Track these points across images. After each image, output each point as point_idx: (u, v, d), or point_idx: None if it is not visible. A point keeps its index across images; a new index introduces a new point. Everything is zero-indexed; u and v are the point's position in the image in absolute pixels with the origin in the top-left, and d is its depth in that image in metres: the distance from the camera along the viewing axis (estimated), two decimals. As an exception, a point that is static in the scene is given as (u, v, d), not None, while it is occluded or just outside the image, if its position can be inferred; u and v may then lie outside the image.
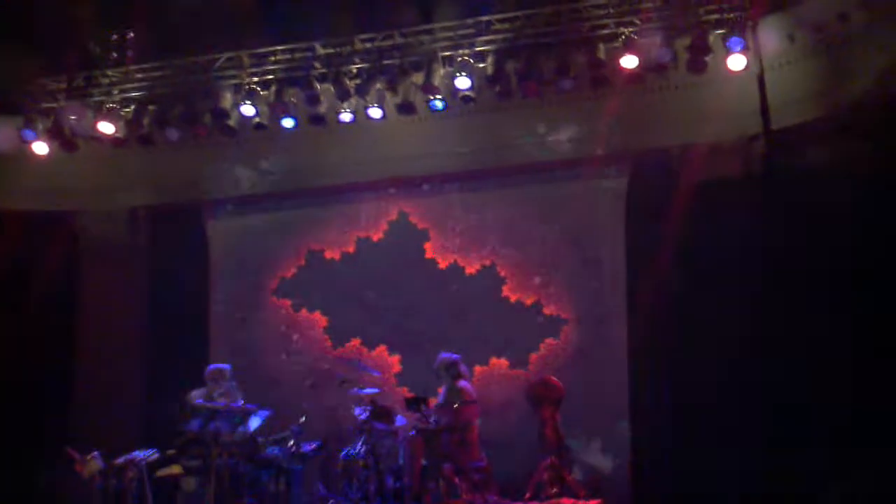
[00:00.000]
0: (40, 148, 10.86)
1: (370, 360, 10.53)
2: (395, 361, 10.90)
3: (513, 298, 10.70)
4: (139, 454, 9.10)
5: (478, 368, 10.42)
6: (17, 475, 10.05)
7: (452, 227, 11.06)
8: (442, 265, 11.00)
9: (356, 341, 11.04)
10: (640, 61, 9.53)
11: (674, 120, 10.09)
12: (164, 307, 11.41)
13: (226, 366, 9.69)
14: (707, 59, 9.41)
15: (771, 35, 9.38)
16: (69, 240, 11.48)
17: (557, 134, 10.51)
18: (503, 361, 10.59)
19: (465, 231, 11.00)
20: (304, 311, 11.33)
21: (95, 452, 9.02)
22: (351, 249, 11.33)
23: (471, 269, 10.91)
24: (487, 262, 10.87)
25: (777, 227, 9.24)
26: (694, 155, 9.98)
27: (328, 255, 11.37)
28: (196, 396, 9.35)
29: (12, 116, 10.93)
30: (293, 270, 11.47)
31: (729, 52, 9.32)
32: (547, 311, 10.58)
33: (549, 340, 10.51)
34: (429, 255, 11.06)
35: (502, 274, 10.80)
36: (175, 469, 8.94)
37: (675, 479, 9.29)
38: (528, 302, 10.65)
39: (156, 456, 9.11)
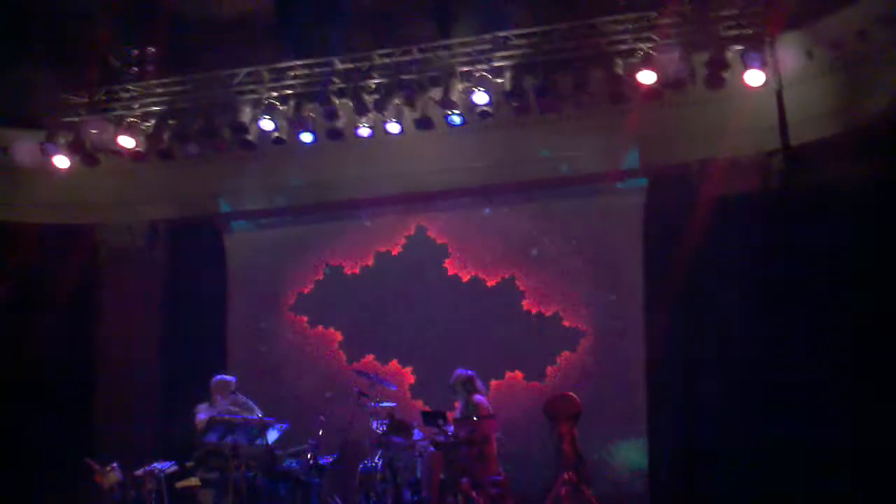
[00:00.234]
0: (61, 162, 10.92)
1: (385, 374, 10.55)
2: (410, 375, 10.96)
3: (532, 312, 10.76)
4: (158, 466, 9.15)
5: (493, 382, 10.44)
6: (37, 486, 10.12)
7: (470, 241, 11.14)
8: (460, 278, 11.07)
9: (371, 356, 11.11)
10: (658, 77, 9.52)
11: (692, 135, 10.12)
12: (183, 319, 11.49)
13: (231, 378, 9.68)
14: (725, 74, 9.39)
15: (789, 51, 9.35)
16: (89, 252, 11.58)
17: (575, 149, 10.53)
18: (519, 374, 10.64)
19: (483, 245, 11.08)
20: (320, 327, 11.42)
21: (115, 464, 9.08)
22: (369, 264, 11.41)
23: (490, 283, 10.97)
24: (506, 276, 10.92)
25: (795, 242, 9.24)
26: (712, 170, 10.00)
27: (346, 270, 11.46)
28: (202, 409, 9.33)
29: (34, 131, 11.00)
30: (311, 286, 11.56)
31: (747, 68, 9.31)
32: (565, 324, 10.64)
33: (566, 353, 10.55)
34: (447, 268, 11.14)
35: (521, 287, 10.85)
36: (193, 481, 8.97)
37: (693, 493, 9.28)
38: (547, 315, 10.71)
39: (174, 468, 9.16)
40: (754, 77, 9.31)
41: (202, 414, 9.16)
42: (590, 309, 10.59)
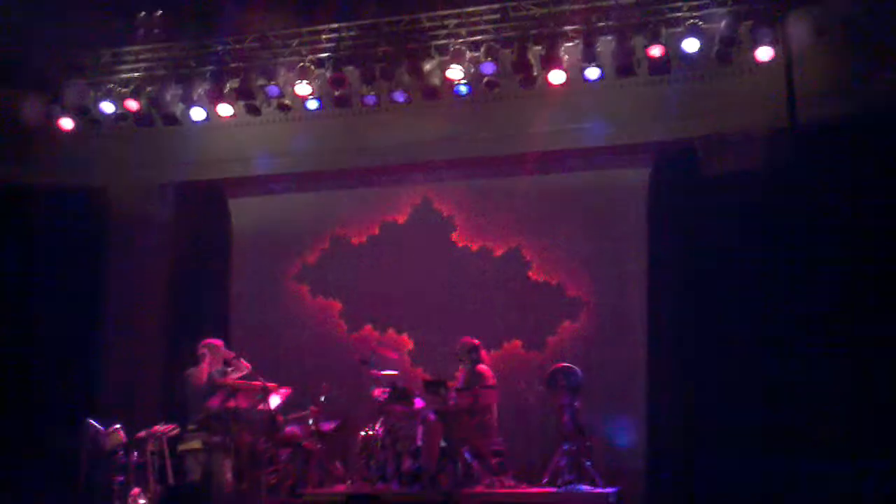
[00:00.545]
0: (67, 124, 10.92)
1: (388, 342, 10.71)
2: (411, 343, 11.01)
3: (536, 281, 10.78)
4: (160, 428, 9.21)
5: (494, 351, 10.49)
6: (41, 445, 10.19)
7: (476, 212, 11.13)
8: (464, 248, 11.09)
9: (369, 325, 11.17)
10: (666, 51, 9.50)
11: (699, 111, 10.04)
12: (187, 282, 11.50)
13: (219, 342, 9.67)
14: (734, 50, 9.37)
15: (799, 27, 9.28)
16: (96, 214, 11.54)
17: (581, 122, 10.47)
18: (519, 343, 10.68)
19: (488, 215, 11.08)
20: (320, 296, 11.47)
21: (118, 425, 9.13)
22: (374, 233, 11.42)
23: (495, 253, 10.98)
24: (512, 246, 10.93)
25: (802, 220, 9.22)
26: (719, 146, 9.97)
27: (353, 240, 11.48)
28: (201, 372, 9.30)
29: (42, 92, 10.96)
30: (316, 255, 11.58)
31: (757, 43, 9.26)
32: (569, 294, 10.65)
33: (567, 323, 10.59)
34: (451, 238, 11.14)
35: (527, 258, 10.86)
36: (195, 444, 9.03)
37: (691, 467, 9.33)
38: (552, 285, 10.72)
39: (176, 430, 9.22)
40: (764, 53, 9.27)
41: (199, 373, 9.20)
42: (593, 281, 10.60)
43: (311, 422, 9.07)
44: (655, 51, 9.50)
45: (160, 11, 11.04)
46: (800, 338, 8.98)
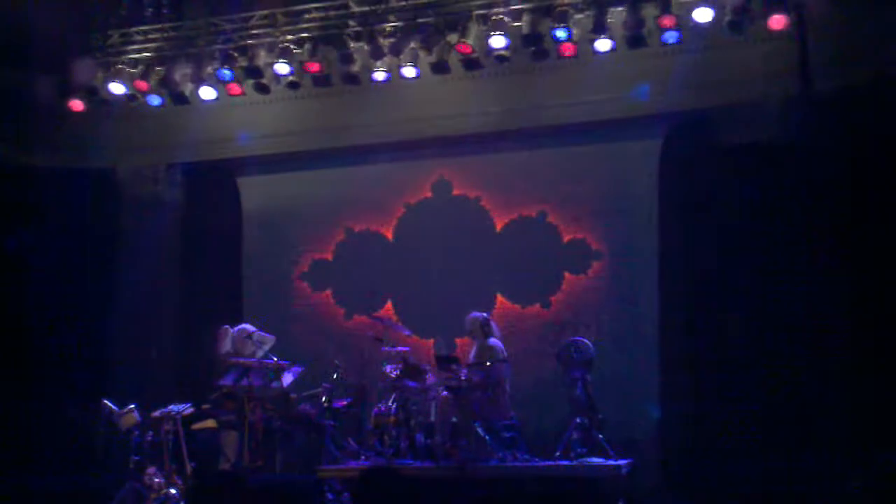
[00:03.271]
0: (76, 105, 10.92)
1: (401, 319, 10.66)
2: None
3: (564, 245, 10.75)
4: (175, 408, 9.25)
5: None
6: (55, 427, 10.27)
7: (491, 185, 11.07)
8: (488, 221, 11.05)
9: (388, 304, 11.12)
10: (678, 21, 9.39)
11: (711, 81, 9.92)
12: (199, 263, 11.53)
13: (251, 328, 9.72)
14: (747, 18, 9.24)
15: (812, -6, 9.17)
16: (105, 196, 11.56)
17: (593, 94, 10.36)
18: (532, 304, 10.69)
19: (502, 187, 11.01)
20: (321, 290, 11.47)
21: (132, 405, 9.17)
22: (396, 213, 11.35)
23: (520, 222, 10.93)
24: (530, 214, 10.89)
25: (816, 189, 9.14)
26: (731, 116, 9.86)
27: (366, 224, 11.44)
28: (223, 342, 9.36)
29: (51, 73, 10.96)
30: (330, 245, 11.51)
31: (770, 11, 9.14)
32: (593, 245, 10.64)
33: (573, 279, 10.58)
34: (474, 213, 11.09)
35: (552, 221, 10.81)
36: (210, 423, 9.08)
37: (704, 437, 9.32)
38: (566, 247, 10.70)
39: (191, 410, 9.26)
40: (776, 21, 9.14)
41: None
42: (605, 256, 10.54)
43: (323, 399, 9.09)
44: (668, 21, 9.38)
45: (167, -9, 11.02)
46: (818, 302, 8.94)
